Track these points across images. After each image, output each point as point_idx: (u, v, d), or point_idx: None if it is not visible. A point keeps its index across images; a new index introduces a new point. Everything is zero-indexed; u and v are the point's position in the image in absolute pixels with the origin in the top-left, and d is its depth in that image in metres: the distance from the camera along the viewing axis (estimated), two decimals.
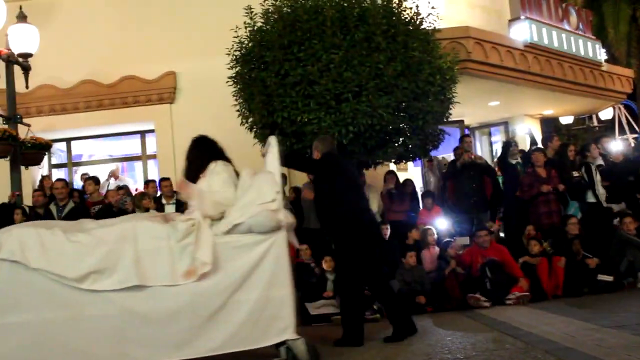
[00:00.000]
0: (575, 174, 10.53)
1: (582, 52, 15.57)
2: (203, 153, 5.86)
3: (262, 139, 8.87)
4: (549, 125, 21.40)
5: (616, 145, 14.15)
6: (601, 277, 9.10)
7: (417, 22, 9.35)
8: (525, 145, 12.09)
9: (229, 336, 5.18)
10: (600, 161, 11.11)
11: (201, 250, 5.19)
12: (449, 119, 10.23)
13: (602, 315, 7.11)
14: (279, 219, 5.41)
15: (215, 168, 5.67)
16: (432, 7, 9.59)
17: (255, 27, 9.32)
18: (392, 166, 11.30)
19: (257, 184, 5.53)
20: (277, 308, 5.30)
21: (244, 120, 9.60)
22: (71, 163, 14.00)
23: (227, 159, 5.89)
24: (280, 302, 5.32)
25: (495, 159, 12.99)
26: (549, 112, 18.22)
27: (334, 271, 8.51)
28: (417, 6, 9.34)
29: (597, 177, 10.54)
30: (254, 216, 5.32)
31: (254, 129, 9.55)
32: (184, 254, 5.20)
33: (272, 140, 5.93)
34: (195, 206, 5.50)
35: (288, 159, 6.73)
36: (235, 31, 9.34)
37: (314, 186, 7.44)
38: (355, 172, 7.35)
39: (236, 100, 9.62)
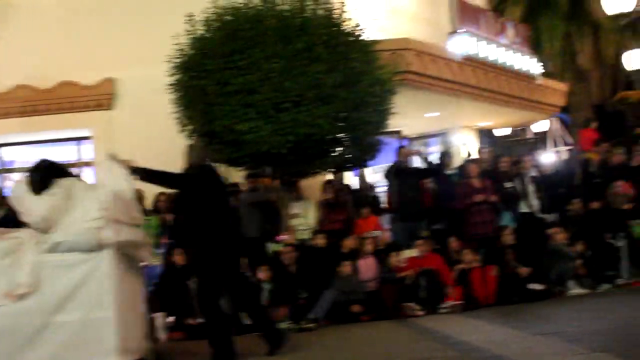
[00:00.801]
0: (509, 184, 10.76)
1: (518, 66, 15.87)
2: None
3: None
4: (486, 136, 21.80)
5: (549, 157, 14.51)
6: (532, 286, 9.33)
7: (358, 34, 9.45)
8: (461, 156, 12.29)
9: (49, 358, 5.06)
10: (533, 172, 11.34)
11: (20, 270, 5.06)
12: (387, 130, 10.35)
13: (533, 323, 7.30)
14: (104, 237, 5.26)
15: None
16: (373, 19, 9.70)
17: (196, 35, 9.29)
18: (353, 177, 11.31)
19: (84, 201, 5.39)
20: (100, 330, 5.16)
21: (183, 128, 9.55)
22: (3, 169, 13.66)
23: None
24: (104, 324, 5.17)
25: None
26: (486, 123, 18.54)
27: (271, 281, 8.55)
28: (357, 18, 9.43)
29: (530, 188, 10.79)
30: (76, 234, 5.19)
31: (193, 137, 9.51)
32: (1, 274, 5.06)
33: (109, 157, 5.83)
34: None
35: (146, 174, 6.24)
36: (176, 39, 9.30)
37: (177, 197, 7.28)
38: (222, 186, 6.86)
39: (176, 107, 9.57)
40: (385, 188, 11.51)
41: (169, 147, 8.71)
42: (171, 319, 8.19)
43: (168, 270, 8.78)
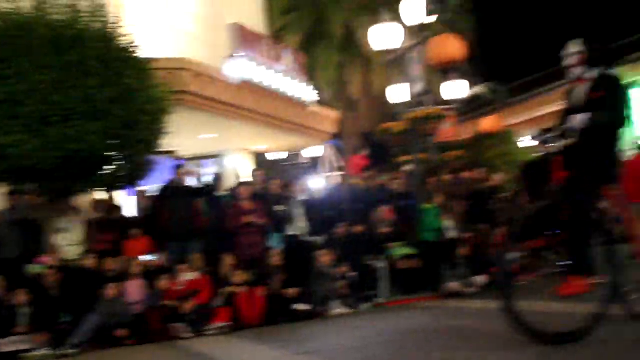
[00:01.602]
0: (279, 207, 11.06)
1: (293, 92, 16.41)
2: None
3: None
4: (261, 159, 22.26)
5: (320, 182, 15.11)
6: (298, 306, 9.62)
7: (133, 50, 9.28)
8: (234, 178, 12.42)
9: None
10: (303, 196, 11.74)
11: None
12: (162, 149, 10.23)
13: (296, 343, 7.52)
14: None
15: None
16: (151, 37, 9.58)
17: None
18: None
19: None
20: None
21: None
22: None
23: None
24: None
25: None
26: (261, 147, 18.95)
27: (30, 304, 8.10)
28: (132, 35, 9.25)
29: (299, 211, 11.16)
30: None
31: None
32: None
33: None
34: None
35: None
36: None
37: None
38: None
39: None
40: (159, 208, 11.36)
41: None
42: None
43: None
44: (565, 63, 5.70)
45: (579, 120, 5.26)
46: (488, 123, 19.33)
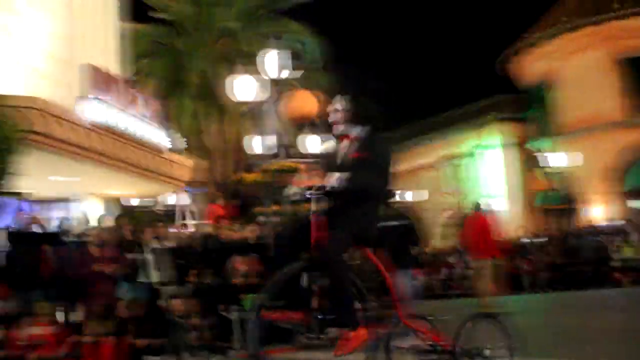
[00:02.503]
0: (130, 255, 10.68)
1: (147, 138, 16.11)
2: None
3: None
4: (115, 205, 21.57)
5: (174, 229, 14.75)
6: (150, 358, 9.28)
7: None
8: (83, 223, 11.91)
9: None
10: (155, 244, 11.40)
11: None
12: (5, 190, 9.65)
13: None
14: None
15: None
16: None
17: None
18: None
19: None
20: None
21: None
22: None
23: None
24: None
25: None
26: (114, 192, 18.38)
27: None
28: None
29: (151, 259, 10.82)
30: None
31: None
32: None
33: None
34: None
35: None
36: None
37: None
38: None
39: None
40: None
41: None
42: None
43: None
44: (330, 119, 5.39)
45: (335, 179, 4.89)
46: None
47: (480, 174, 33.98)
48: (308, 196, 4.97)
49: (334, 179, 4.86)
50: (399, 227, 10.36)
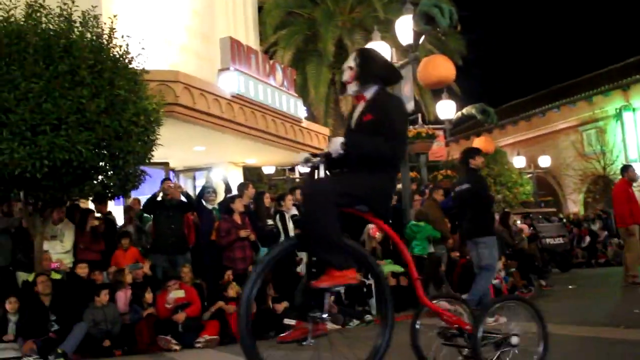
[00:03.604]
0: (270, 222, 11.03)
1: (284, 108, 16.44)
2: None
3: None
4: (252, 173, 22.28)
5: None
6: (287, 321, 9.53)
7: (126, 61, 9.25)
8: (225, 191, 12.38)
9: None
10: (294, 211, 11.68)
11: None
12: (153, 160, 10.20)
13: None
14: None
15: None
16: (142, 48, 9.52)
17: None
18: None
19: None
20: None
21: None
22: None
23: None
24: None
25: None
26: (252, 160, 18.96)
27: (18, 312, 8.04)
28: (127, 45, 9.22)
29: (290, 226, 11.12)
30: None
31: None
32: None
33: None
34: None
35: None
36: None
37: None
38: None
39: None
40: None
41: None
42: None
43: None
44: (343, 78, 4.80)
45: (335, 145, 4.40)
46: (479, 143, 19.38)
47: (627, 137, 32.20)
48: (312, 164, 4.60)
49: (336, 145, 4.40)
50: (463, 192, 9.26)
